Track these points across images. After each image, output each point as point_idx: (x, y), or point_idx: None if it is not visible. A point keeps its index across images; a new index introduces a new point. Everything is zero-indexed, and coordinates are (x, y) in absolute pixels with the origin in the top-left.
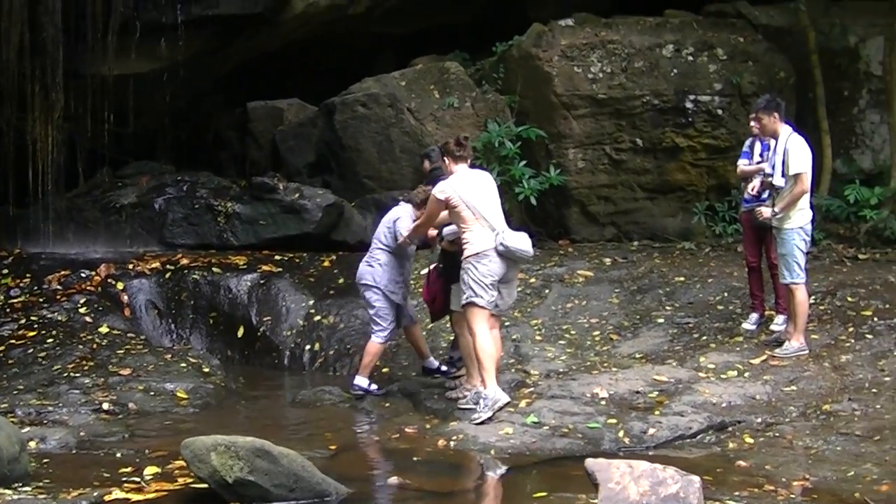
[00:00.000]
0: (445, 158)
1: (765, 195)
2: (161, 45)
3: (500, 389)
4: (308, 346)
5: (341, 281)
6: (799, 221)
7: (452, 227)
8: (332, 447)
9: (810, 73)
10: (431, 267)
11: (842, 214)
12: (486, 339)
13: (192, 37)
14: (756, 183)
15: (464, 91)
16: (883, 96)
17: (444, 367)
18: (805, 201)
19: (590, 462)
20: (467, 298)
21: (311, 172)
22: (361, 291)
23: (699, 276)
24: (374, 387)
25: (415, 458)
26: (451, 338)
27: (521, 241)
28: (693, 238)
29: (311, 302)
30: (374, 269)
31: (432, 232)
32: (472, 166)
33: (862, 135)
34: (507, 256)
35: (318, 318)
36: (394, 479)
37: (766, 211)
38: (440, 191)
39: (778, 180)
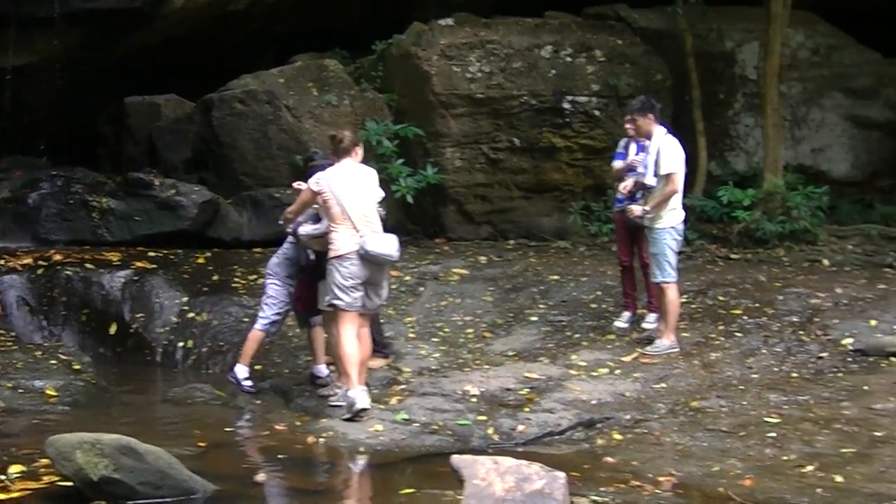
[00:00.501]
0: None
1: (638, 195)
2: (38, 38)
3: (363, 393)
4: (181, 344)
5: (216, 278)
6: (670, 221)
7: (307, 228)
8: (202, 444)
9: (687, 76)
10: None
11: (715, 215)
12: (348, 342)
13: (69, 30)
14: (629, 182)
15: (342, 89)
16: (757, 100)
17: (246, 383)
18: (677, 201)
19: (456, 458)
20: (329, 301)
21: (187, 169)
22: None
23: (573, 274)
24: (248, 383)
25: (284, 456)
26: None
27: (384, 245)
28: (568, 237)
29: (185, 299)
30: (278, 259)
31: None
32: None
33: (736, 137)
34: (370, 260)
35: (191, 315)
36: (261, 477)
37: (636, 209)
38: (315, 181)
39: (650, 180)
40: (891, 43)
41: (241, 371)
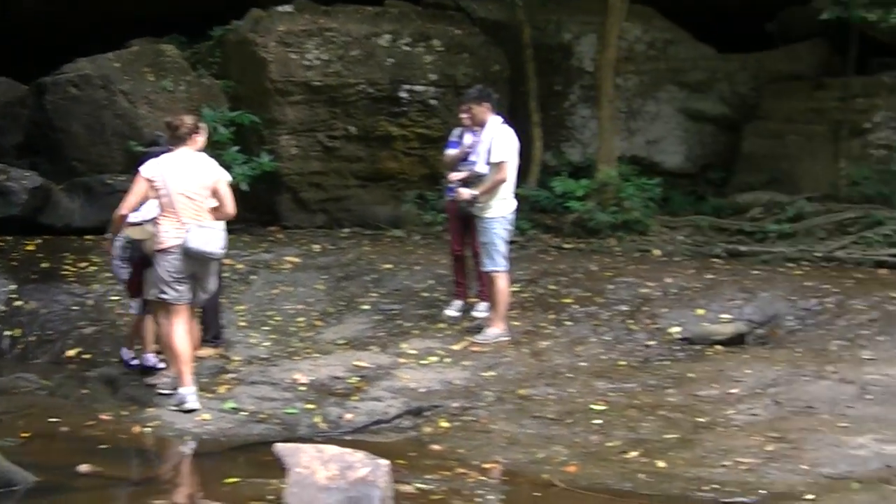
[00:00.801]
0: None
1: (471, 185)
2: None
3: (192, 392)
4: (8, 333)
5: (45, 265)
6: (500, 211)
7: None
8: (25, 435)
9: (524, 67)
10: None
11: (549, 205)
12: (179, 337)
13: None
14: (463, 173)
15: (179, 75)
16: (593, 92)
17: (133, 363)
18: (508, 191)
19: (279, 447)
20: (156, 294)
21: (19, 154)
22: None
23: (406, 263)
24: (135, 361)
25: (108, 445)
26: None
27: (204, 241)
28: (403, 226)
29: (13, 287)
30: (120, 241)
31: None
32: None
33: (572, 128)
34: (192, 256)
35: (19, 303)
36: (84, 467)
37: (465, 192)
38: (145, 169)
39: (481, 168)
40: (725, 38)
41: (126, 354)
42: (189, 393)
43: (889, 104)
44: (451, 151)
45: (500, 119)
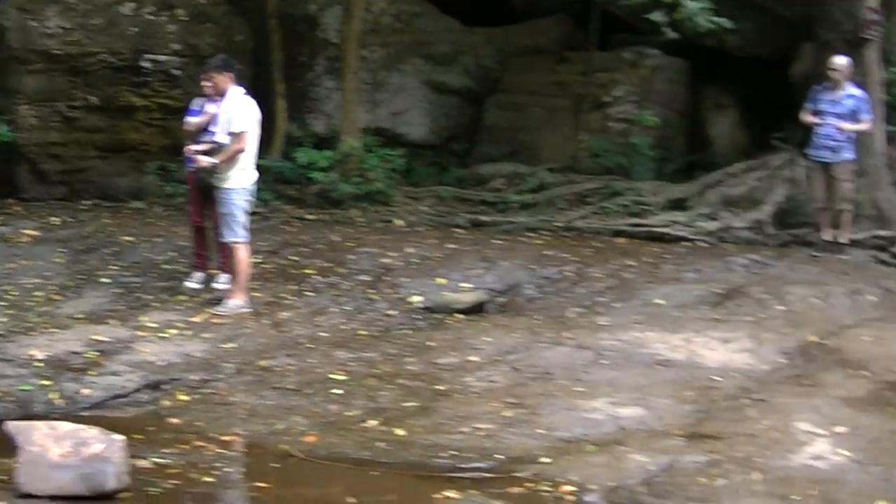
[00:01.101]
0: None
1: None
2: None
3: None
4: None
5: None
6: (241, 182)
7: None
8: None
9: (269, 37)
10: None
11: (293, 176)
12: None
13: None
14: (204, 146)
15: None
16: (338, 64)
17: None
18: (248, 162)
19: (10, 425)
20: None
21: None
22: None
23: (147, 235)
24: None
25: None
26: None
27: None
28: (144, 198)
29: None
30: None
31: None
32: None
33: (317, 100)
34: None
35: None
36: None
37: (203, 160)
38: None
39: (221, 138)
40: (470, 12)
41: None
42: None
43: (629, 79)
44: (192, 119)
45: (241, 89)
